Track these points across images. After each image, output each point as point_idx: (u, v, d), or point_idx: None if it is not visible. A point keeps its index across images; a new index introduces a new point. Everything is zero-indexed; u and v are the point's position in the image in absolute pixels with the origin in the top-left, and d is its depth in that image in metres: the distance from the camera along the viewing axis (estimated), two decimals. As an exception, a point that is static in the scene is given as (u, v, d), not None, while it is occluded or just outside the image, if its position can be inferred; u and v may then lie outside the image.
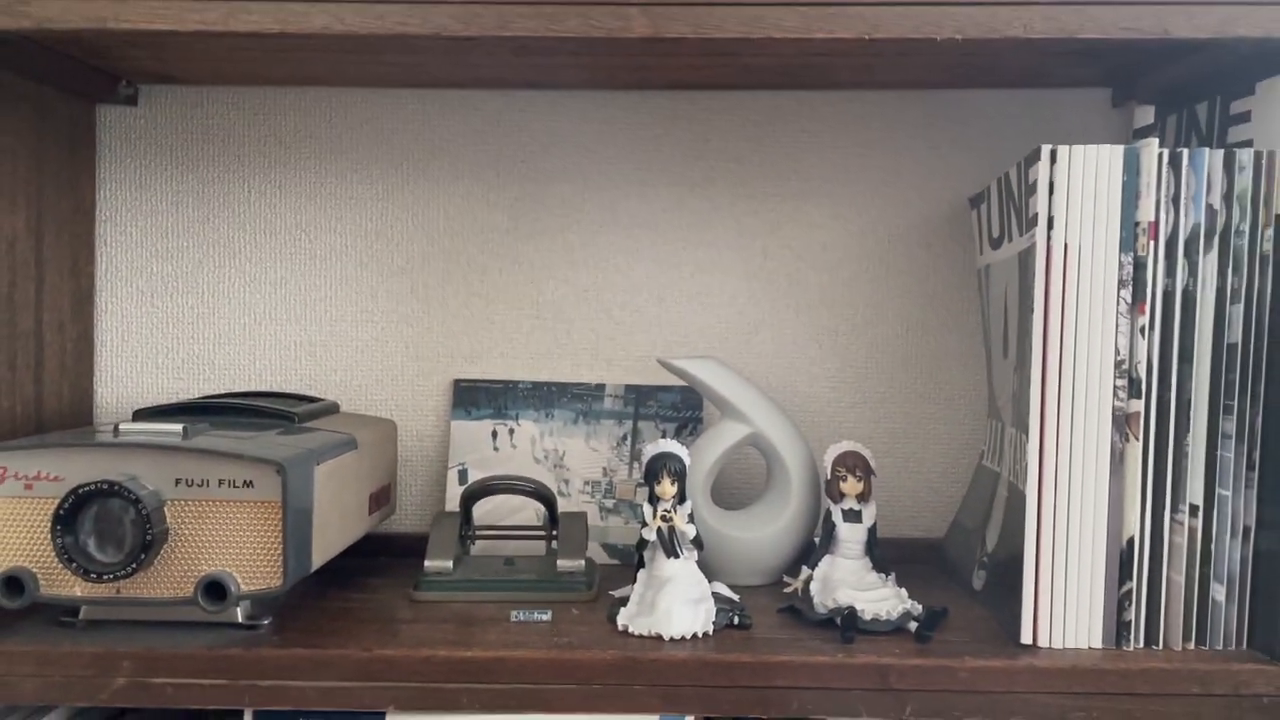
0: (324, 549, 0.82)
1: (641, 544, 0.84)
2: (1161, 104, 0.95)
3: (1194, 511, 0.77)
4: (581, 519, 0.95)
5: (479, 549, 0.97)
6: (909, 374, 1.06)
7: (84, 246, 1.03)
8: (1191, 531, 0.77)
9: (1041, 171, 0.76)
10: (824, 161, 1.05)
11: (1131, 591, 0.77)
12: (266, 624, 0.80)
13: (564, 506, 1.01)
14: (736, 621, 0.81)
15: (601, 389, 1.05)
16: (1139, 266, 0.76)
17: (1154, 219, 0.76)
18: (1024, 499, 0.78)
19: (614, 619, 0.81)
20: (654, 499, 0.83)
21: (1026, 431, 0.78)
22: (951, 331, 1.06)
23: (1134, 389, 0.76)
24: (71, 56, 0.93)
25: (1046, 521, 0.77)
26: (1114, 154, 0.76)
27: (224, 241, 1.06)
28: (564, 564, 0.90)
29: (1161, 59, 0.88)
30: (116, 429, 0.79)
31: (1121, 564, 0.77)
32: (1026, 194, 0.80)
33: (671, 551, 0.82)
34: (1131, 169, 0.76)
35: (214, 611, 0.76)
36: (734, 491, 1.05)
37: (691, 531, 0.83)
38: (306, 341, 1.06)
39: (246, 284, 1.06)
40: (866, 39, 0.74)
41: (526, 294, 1.06)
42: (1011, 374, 0.86)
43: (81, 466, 0.76)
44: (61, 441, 0.77)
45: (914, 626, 0.80)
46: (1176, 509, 0.77)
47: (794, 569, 0.91)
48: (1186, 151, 0.76)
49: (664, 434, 1.03)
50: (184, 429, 0.78)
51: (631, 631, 0.79)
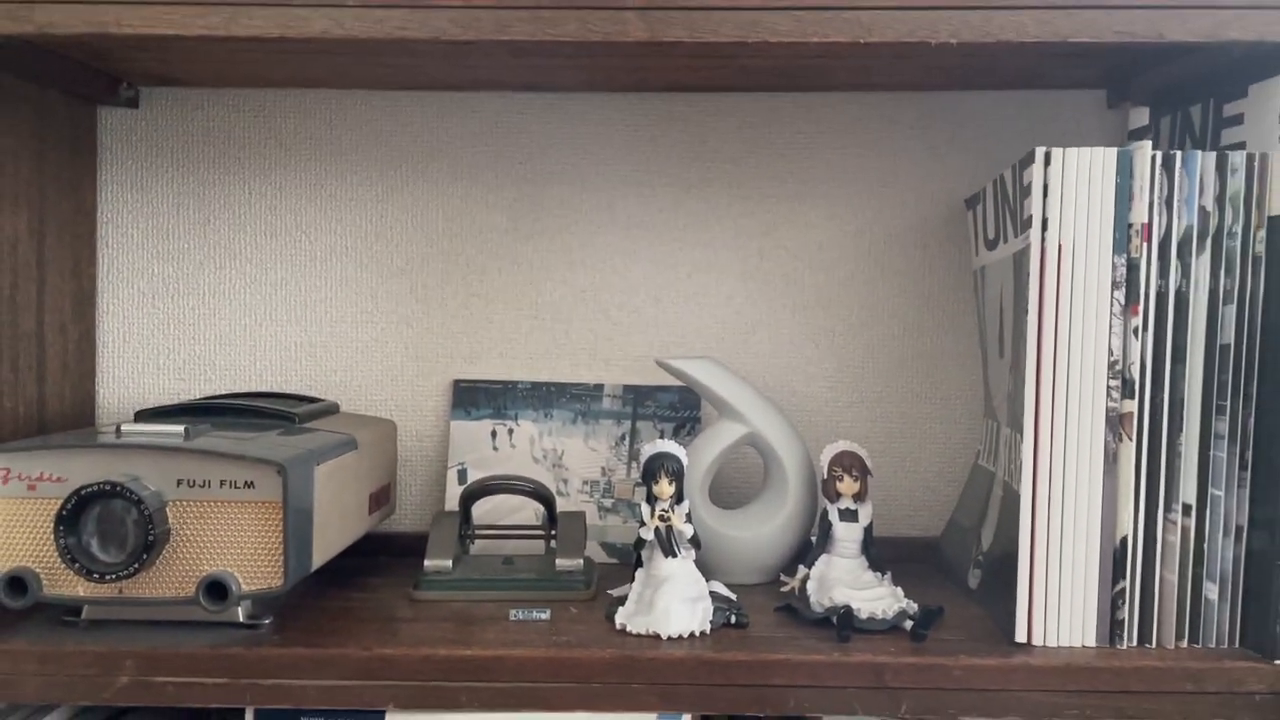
0: (324, 549, 0.82)
1: (639, 543, 0.84)
2: (1156, 106, 0.95)
3: (1187, 511, 0.77)
4: (580, 518, 0.96)
5: (478, 548, 0.98)
6: (905, 374, 1.06)
7: (85, 248, 1.04)
8: (1185, 531, 0.77)
9: (1036, 173, 0.77)
10: (820, 163, 1.05)
11: (1125, 590, 0.78)
12: (268, 623, 0.81)
13: (563, 506, 1.01)
14: (734, 620, 0.82)
15: (600, 389, 1.05)
16: (1132, 268, 0.76)
17: (1147, 221, 0.76)
18: (1019, 498, 0.78)
19: (612, 618, 0.82)
20: (652, 498, 0.84)
21: (1021, 431, 0.78)
22: (947, 332, 1.06)
23: (1127, 389, 0.77)
24: (73, 59, 0.93)
25: (1041, 521, 0.78)
26: (1107, 156, 0.76)
27: (225, 243, 1.07)
28: (562, 563, 0.91)
29: (1155, 61, 0.88)
30: (118, 430, 0.79)
31: (1115, 563, 0.77)
32: (1021, 195, 0.80)
33: (669, 551, 0.83)
34: (1125, 171, 0.76)
35: (215, 611, 0.77)
36: (731, 491, 1.05)
37: (689, 531, 0.83)
38: (307, 342, 1.07)
39: (247, 285, 1.07)
40: (861, 43, 0.75)
41: (525, 295, 1.07)
42: (1007, 374, 0.87)
43: (84, 467, 0.76)
44: (64, 443, 0.78)
45: (909, 625, 0.80)
46: (1170, 508, 0.78)
47: (791, 568, 0.92)
48: (1179, 154, 0.76)
49: (662, 434, 1.03)
50: (185, 430, 0.79)
51: (629, 630, 0.80)
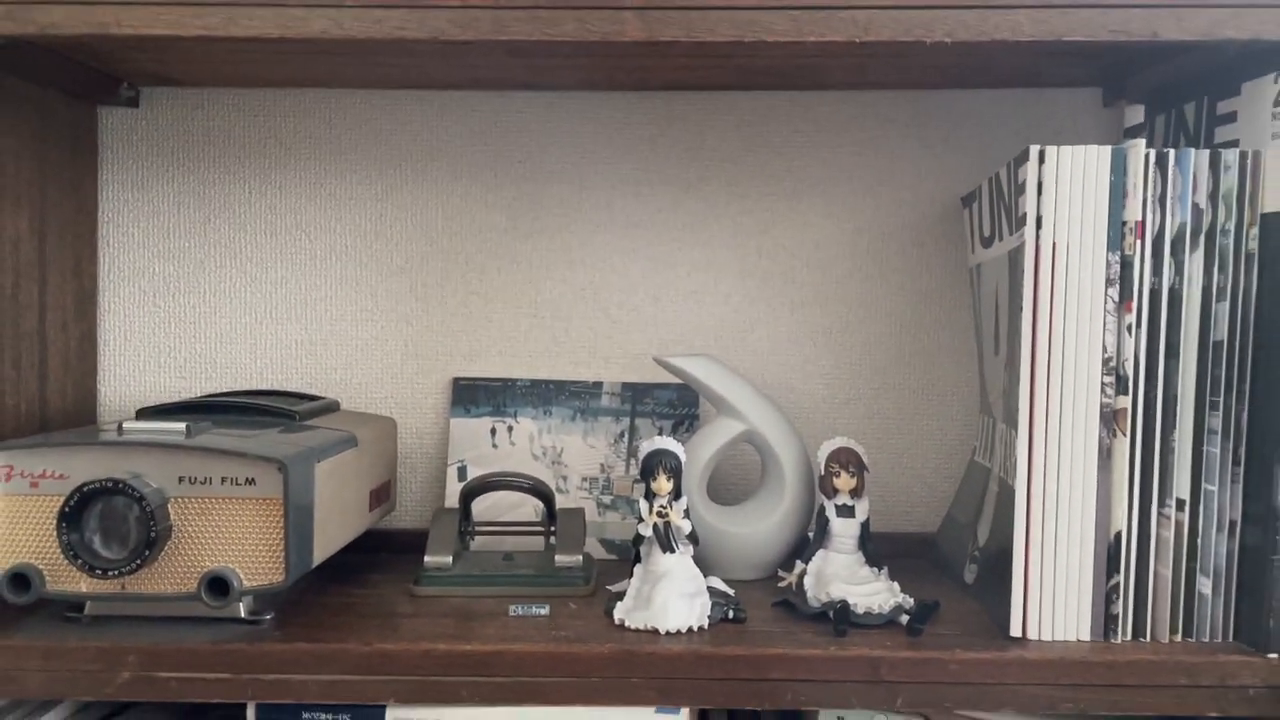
0: (325, 545, 0.83)
1: (638, 539, 0.85)
2: (1151, 103, 0.96)
3: (1181, 506, 0.78)
4: (579, 515, 0.96)
5: (478, 545, 0.98)
6: (902, 371, 1.07)
7: (87, 247, 1.04)
8: (1178, 526, 0.78)
9: (1030, 171, 0.77)
10: (818, 161, 1.06)
11: (1119, 585, 0.78)
12: (269, 619, 0.81)
13: (562, 502, 1.02)
14: (731, 615, 0.82)
15: (599, 387, 1.06)
16: (1126, 265, 0.77)
17: (1141, 218, 0.77)
18: (1014, 494, 0.79)
19: (611, 613, 0.82)
20: (650, 495, 0.84)
21: (1016, 427, 0.79)
22: (944, 329, 1.07)
23: (1121, 386, 0.77)
24: (74, 60, 0.94)
25: (1035, 516, 0.78)
26: (1101, 154, 0.77)
27: (225, 242, 1.07)
28: (562, 559, 0.92)
29: (1150, 59, 0.89)
30: (120, 428, 0.80)
31: (1109, 558, 0.78)
32: (1016, 194, 0.81)
33: (667, 546, 0.83)
34: (1119, 169, 0.77)
35: (217, 607, 0.77)
36: (729, 487, 1.06)
37: (687, 527, 0.84)
38: (307, 340, 1.08)
39: (247, 284, 1.07)
40: (857, 42, 0.75)
41: (524, 293, 1.07)
42: (1002, 371, 0.88)
43: (86, 465, 0.77)
44: (66, 440, 0.79)
45: (905, 620, 0.81)
46: (1164, 504, 0.78)
47: (788, 563, 0.93)
48: (1173, 152, 0.77)
49: (660, 431, 1.04)
50: (187, 427, 0.79)
51: (628, 625, 0.80)
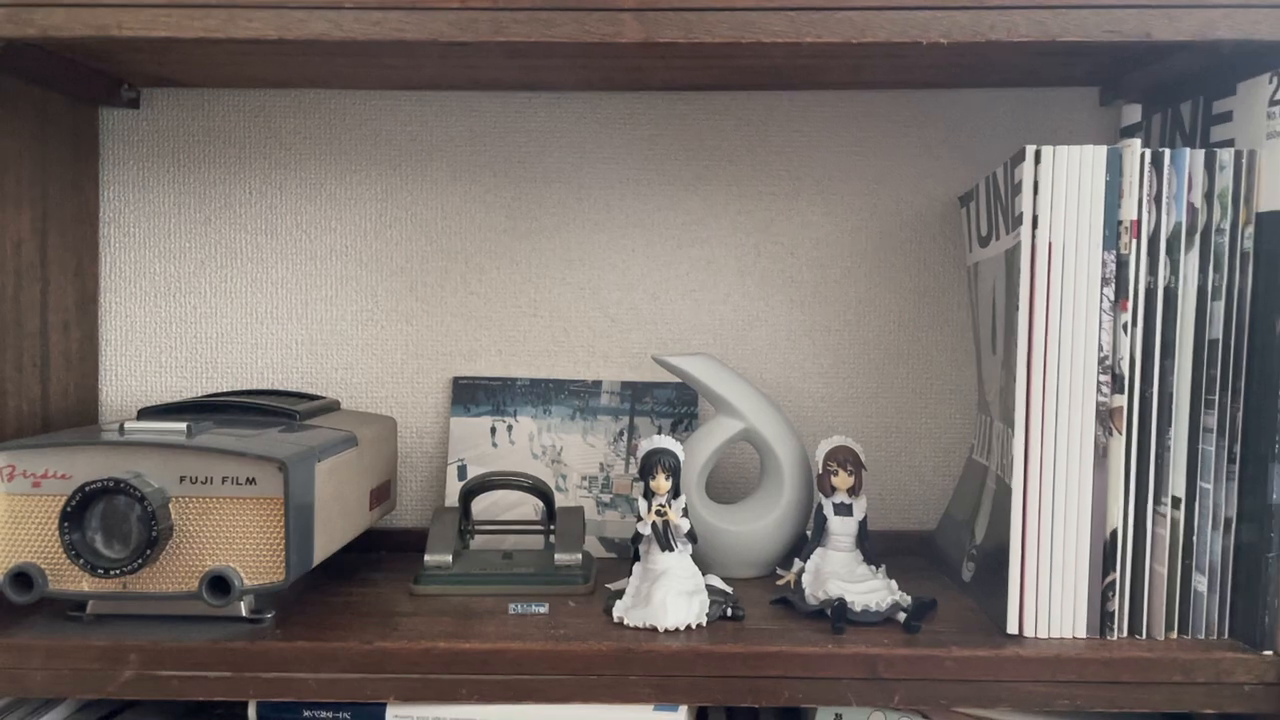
0: (325, 544, 0.83)
1: (637, 538, 0.85)
2: (1148, 103, 0.96)
3: (1176, 504, 0.78)
4: (579, 513, 0.96)
5: (478, 543, 0.99)
6: (900, 369, 1.07)
7: (88, 248, 1.05)
8: (1174, 523, 0.78)
9: (1026, 171, 0.78)
10: (816, 160, 1.06)
11: (1115, 582, 0.79)
12: (270, 617, 0.82)
13: (561, 501, 1.02)
14: (729, 613, 0.83)
15: (598, 385, 1.06)
16: (1122, 264, 0.77)
17: (1136, 218, 0.77)
18: (1011, 492, 0.79)
19: (610, 611, 0.83)
20: (649, 494, 0.84)
21: (1013, 426, 0.79)
22: (942, 327, 1.07)
23: (1117, 384, 0.78)
24: (75, 61, 0.94)
25: (1032, 514, 0.79)
26: (1097, 154, 0.77)
27: (225, 242, 1.08)
28: (561, 558, 0.92)
29: (1146, 59, 0.89)
30: (122, 428, 0.80)
31: (1105, 555, 0.78)
32: (1012, 193, 0.81)
33: (666, 545, 0.84)
34: (1114, 169, 0.77)
35: (218, 606, 0.78)
36: (728, 486, 1.06)
37: (685, 525, 0.84)
38: (307, 340, 1.08)
39: (248, 284, 1.08)
40: (854, 43, 0.75)
41: (524, 292, 1.08)
42: (1000, 369, 0.88)
43: (88, 464, 0.78)
44: (68, 440, 0.79)
45: (903, 617, 0.81)
46: (1159, 501, 0.79)
47: (786, 561, 0.93)
48: (1168, 151, 0.77)
49: (660, 430, 1.04)
50: (188, 427, 0.80)
51: (627, 623, 0.81)
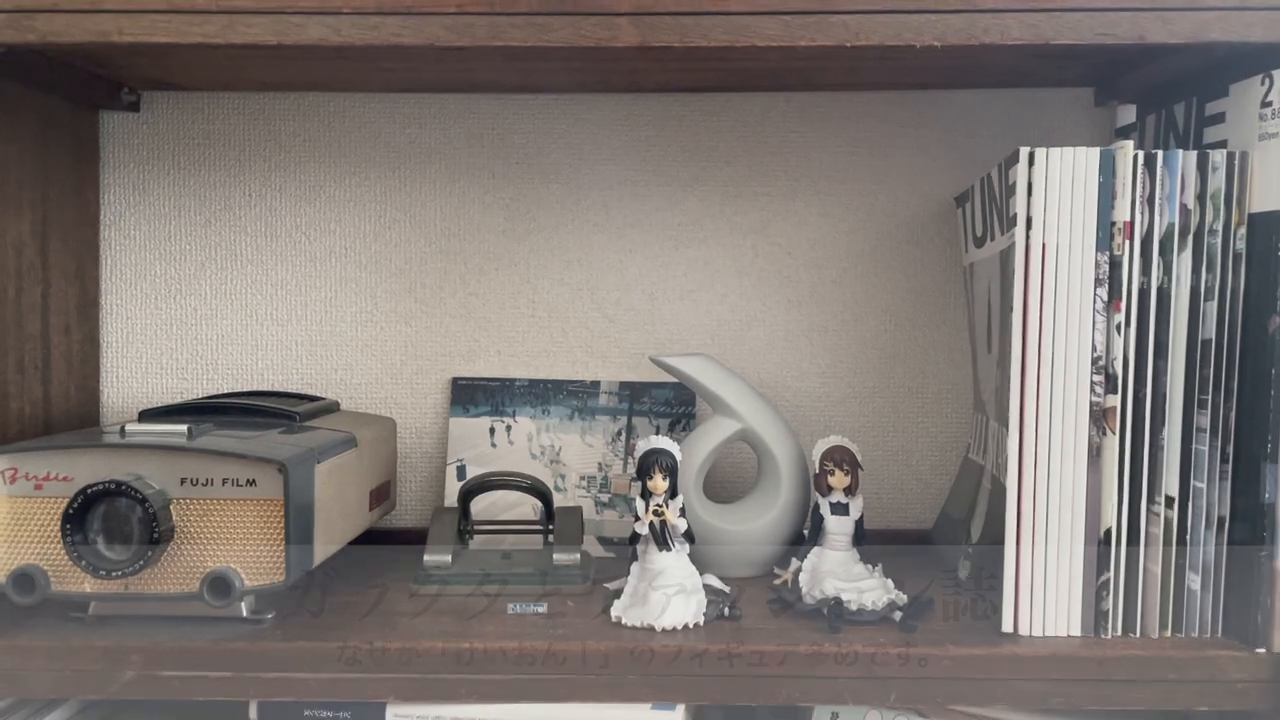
0: (326, 545, 0.84)
1: (634, 537, 0.86)
2: (1142, 103, 0.96)
3: (1170, 503, 0.79)
4: (577, 513, 0.97)
5: (477, 543, 0.99)
6: (897, 369, 1.08)
7: (89, 251, 1.05)
8: (1167, 523, 0.79)
9: (1020, 173, 0.78)
10: (812, 161, 1.07)
11: (1109, 581, 0.79)
12: (270, 618, 0.82)
13: (560, 501, 1.03)
14: (727, 613, 0.83)
15: (596, 386, 1.07)
16: (1115, 265, 0.78)
17: (1129, 219, 0.78)
18: (1006, 491, 0.80)
19: (608, 611, 0.83)
20: (646, 494, 0.85)
21: (1007, 425, 0.80)
22: (938, 327, 1.08)
23: (1111, 384, 0.78)
24: (75, 66, 0.95)
25: (1026, 513, 0.79)
26: (1090, 156, 0.77)
27: (226, 244, 1.08)
28: (560, 557, 0.92)
29: (1140, 60, 0.89)
30: (123, 430, 0.81)
31: (1099, 554, 0.79)
32: (1006, 194, 0.82)
33: (663, 545, 0.84)
34: (1107, 170, 0.78)
35: (219, 606, 0.78)
36: (725, 485, 1.07)
37: (683, 525, 0.85)
38: (307, 341, 1.09)
39: (248, 285, 1.08)
40: (848, 46, 0.76)
41: (522, 293, 1.08)
42: (995, 369, 0.88)
43: (90, 467, 0.78)
44: (70, 443, 0.80)
45: (899, 616, 0.82)
46: (1153, 501, 0.79)
47: (784, 561, 0.94)
48: (1161, 153, 0.78)
49: (657, 430, 1.05)
50: (188, 429, 0.80)
51: (625, 623, 0.81)
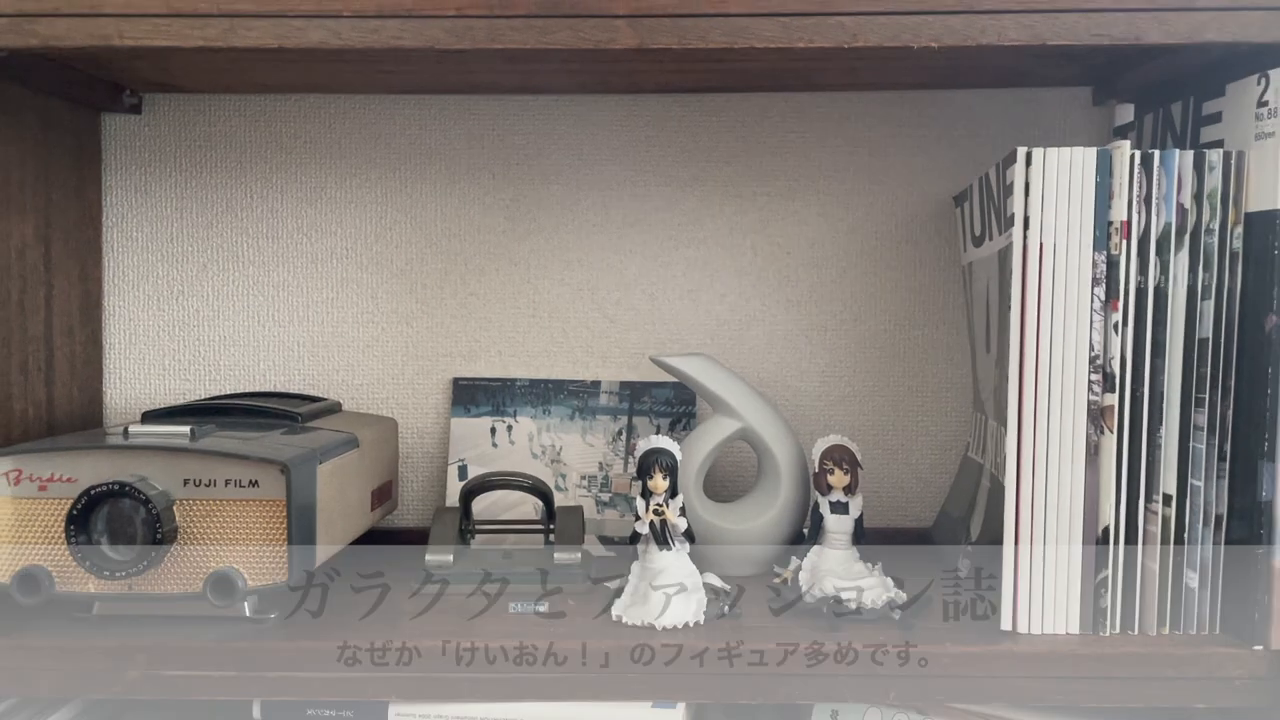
0: (328, 545, 0.84)
1: (635, 537, 0.86)
2: (1140, 103, 0.97)
3: (1167, 501, 0.79)
4: (578, 513, 0.97)
5: (478, 543, 0.99)
6: (896, 368, 1.08)
7: (91, 252, 1.06)
8: (1165, 521, 0.79)
9: (1018, 173, 0.79)
10: (811, 161, 1.07)
11: (1108, 579, 0.79)
12: (273, 618, 0.82)
13: (561, 501, 1.03)
14: (727, 611, 0.84)
15: (597, 386, 1.07)
16: (1112, 265, 0.78)
17: (1126, 218, 0.78)
18: (1004, 490, 0.80)
19: (609, 609, 0.84)
20: (646, 493, 0.85)
21: (1005, 424, 0.80)
22: (937, 326, 1.08)
23: (1108, 383, 0.79)
24: (77, 69, 0.95)
25: (1025, 512, 0.80)
26: (1087, 156, 0.78)
27: (227, 245, 1.09)
28: (560, 557, 0.93)
29: (1137, 60, 0.90)
30: (126, 431, 0.81)
31: (1098, 552, 0.79)
32: (1004, 194, 0.82)
33: (664, 544, 0.85)
34: (1104, 170, 0.78)
35: (222, 606, 0.79)
36: (725, 484, 1.07)
37: (683, 524, 0.85)
38: (309, 342, 1.09)
39: (250, 287, 1.09)
40: (846, 47, 0.76)
41: (523, 293, 1.09)
42: (994, 368, 0.89)
43: (93, 468, 0.79)
44: (74, 444, 0.80)
45: (898, 614, 0.82)
46: (1150, 499, 0.79)
47: (783, 559, 0.94)
48: (1158, 152, 0.78)
49: (658, 429, 1.05)
50: (191, 431, 0.81)
51: (625, 622, 0.81)
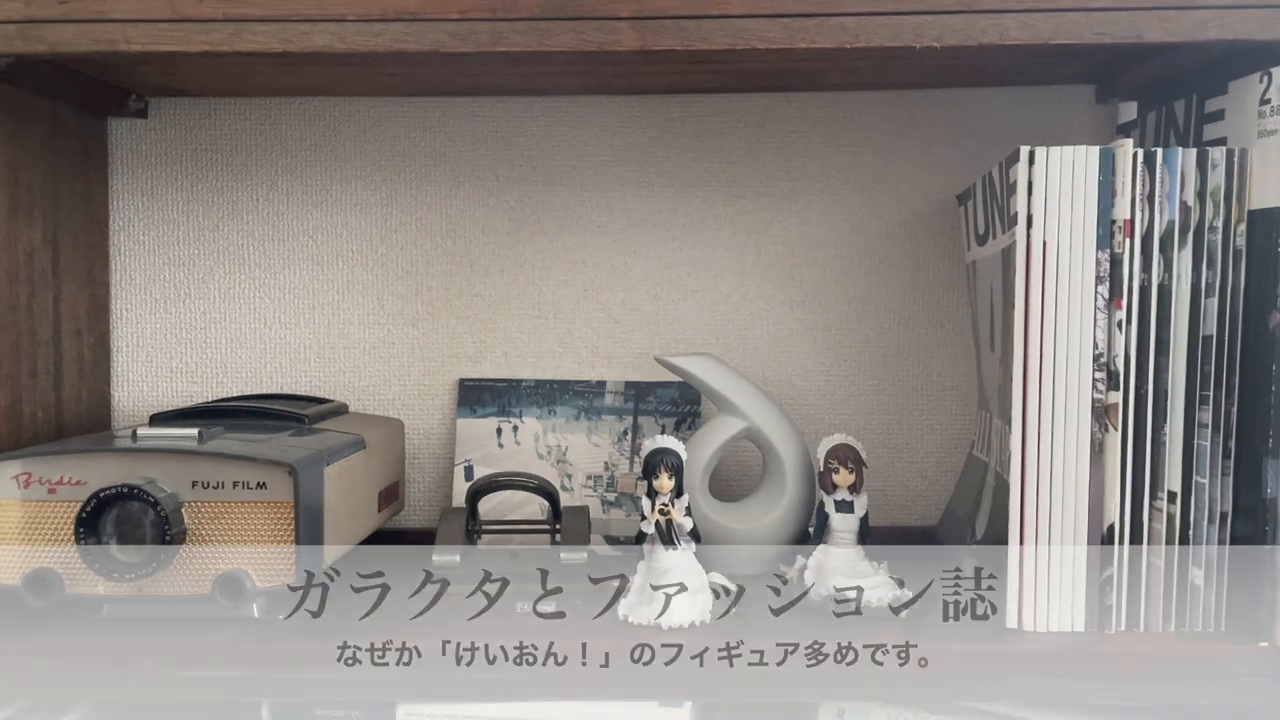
0: (335, 546, 0.85)
1: (640, 536, 0.86)
2: (1143, 100, 0.97)
3: (1172, 499, 0.79)
4: (584, 513, 0.98)
5: (485, 543, 1.00)
6: (901, 367, 1.08)
7: (99, 256, 1.06)
8: (1170, 518, 0.79)
9: (1021, 172, 0.79)
10: (815, 161, 1.07)
11: (1113, 576, 0.79)
12: (281, 619, 0.82)
13: (567, 501, 1.03)
14: (732, 610, 0.84)
15: (602, 386, 1.07)
16: (1116, 263, 0.78)
17: (1130, 216, 0.78)
18: (1009, 488, 0.80)
19: (615, 609, 0.84)
20: (652, 493, 0.85)
21: (1010, 422, 0.80)
22: (942, 325, 1.08)
23: (1112, 381, 0.79)
24: (83, 74, 0.96)
25: (1030, 510, 0.80)
26: (1090, 154, 0.78)
27: (234, 248, 1.09)
28: (567, 556, 0.93)
29: (1139, 58, 0.90)
30: (135, 434, 0.82)
31: (1103, 550, 0.79)
32: (1007, 193, 0.82)
33: (669, 543, 0.85)
34: (1107, 168, 0.78)
35: (231, 607, 0.79)
36: (731, 484, 1.07)
37: (688, 524, 0.85)
38: (315, 344, 1.09)
39: (256, 289, 1.09)
40: (848, 48, 0.76)
41: (528, 294, 1.09)
42: (998, 367, 0.89)
43: (102, 471, 0.79)
44: (83, 447, 0.81)
45: (904, 613, 0.82)
46: (1155, 496, 0.79)
47: (789, 558, 0.94)
48: (1160, 151, 0.78)
49: (663, 429, 1.06)
50: (199, 433, 0.81)
51: (631, 621, 0.81)
